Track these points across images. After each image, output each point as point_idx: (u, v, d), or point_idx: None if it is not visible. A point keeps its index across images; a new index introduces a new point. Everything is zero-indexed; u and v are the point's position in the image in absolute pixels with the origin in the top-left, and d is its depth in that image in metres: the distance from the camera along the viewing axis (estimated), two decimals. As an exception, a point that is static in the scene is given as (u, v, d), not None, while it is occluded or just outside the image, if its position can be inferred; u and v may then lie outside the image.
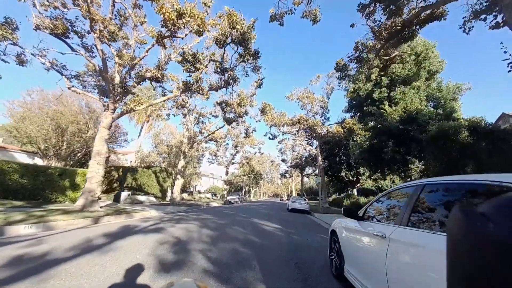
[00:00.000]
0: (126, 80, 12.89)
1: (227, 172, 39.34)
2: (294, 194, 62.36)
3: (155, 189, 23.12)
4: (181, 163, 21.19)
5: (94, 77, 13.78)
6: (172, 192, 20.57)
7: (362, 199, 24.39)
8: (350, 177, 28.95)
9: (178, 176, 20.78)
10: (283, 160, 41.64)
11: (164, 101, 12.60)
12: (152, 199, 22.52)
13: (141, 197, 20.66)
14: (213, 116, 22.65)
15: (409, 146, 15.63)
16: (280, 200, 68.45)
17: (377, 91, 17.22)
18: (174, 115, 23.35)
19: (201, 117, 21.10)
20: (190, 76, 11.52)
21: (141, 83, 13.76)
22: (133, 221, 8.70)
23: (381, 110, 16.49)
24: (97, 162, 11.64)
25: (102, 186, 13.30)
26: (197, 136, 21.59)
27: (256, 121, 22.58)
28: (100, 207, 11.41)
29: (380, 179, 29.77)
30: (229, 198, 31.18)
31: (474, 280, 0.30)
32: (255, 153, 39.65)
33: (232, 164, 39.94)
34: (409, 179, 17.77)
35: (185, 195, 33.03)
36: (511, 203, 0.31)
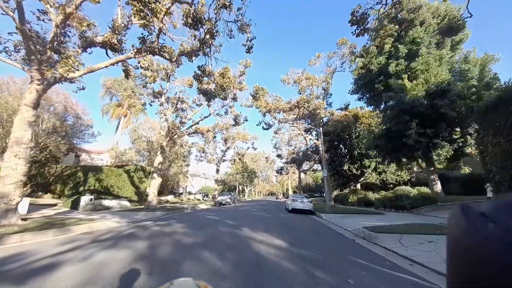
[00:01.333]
0: (63, 40, 9.25)
1: (217, 171, 35.78)
2: (290, 192, 59.34)
3: (128, 192, 19.42)
4: (158, 159, 17.59)
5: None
6: (146, 195, 16.96)
7: (371, 194, 21.42)
8: (354, 170, 25.99)
9: (155, 175, 17.17)
10: (279, 156, 38.43)
11: (111, 65, 9.00)
12: (126, 203, 18.83)
13: (109, 202, 16.96)
14: (196, 104, 19.12)
15: (438, 126, 12.61)
16: (276, 198, 65.28)
17: (393, 64, 14.13)
18: (150, 104, 19.73)
19: (180, 103, 17.53)
20: (146, 28, 7.99)
21: (87, 50, 10.09)
22: (52, 242, 5.32)
23: (401, 85, 13.41)
24: (15, 155, 8.01)
25: (25, 189, 9.63)
26: (178, 127, 18.02)
27: (248, 107, 19.18)
28: (26, 218, 7.86)
29: (397, 171, 26.98)
30: (219, 198, 27.71)
31: (474, 280, 0.30)
32: (248, 148, 36.24)
33: (223, 161, 36.40)
34: (432, 168, 14.84)
35: (170, 197, 29.39)
36: (511, 203, 0.30)
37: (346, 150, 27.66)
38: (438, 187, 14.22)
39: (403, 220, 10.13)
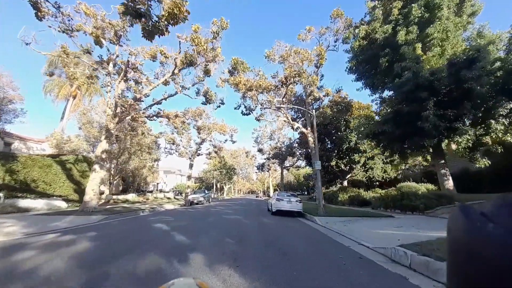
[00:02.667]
0: None
1: (191, 166, 31.48)
2: (271, 190, 56.59)
3: (63, 189, 14.77)
4: (102, 146, 13.26)
5: None
6: (85, 193, 12.58)
7: (365, 192, 18.99)
8: (343, 166, 23.57)
9: (96, 167, 12.83)
10: (260, 151, 35.19)
11: None
12: (60, 204, 14.26)
13: (32, 202, 12.45)
14: (155, 77, 14.97)
15: (461, 106, 10.07)
16: (256, 197, 62.21)
17: (403, 31, 11.42)
18: (97, 77, 15.23)
19: (131, 70, 13.29)
20: None
21: None
22: None
23: (415, 54, 10.71)
24: None
25: None
26: (131, 105, 13.78)
27: (224, 81, 15.41)
28: None
29: (383, 167, 25.02)
30: (191, 197, 23.72)
31: (474, 280, 0.30)
32: (226, 141, 32.48)
33: (198, 155, 32.19)
34: (442, 161, 12.48)
35: (131, 196, 24.71)
36: (511, 203, 0.30)
37: (333, 145, 25.23)
38: (449, 183, 11.87)
39: (432, 226, 7.33)
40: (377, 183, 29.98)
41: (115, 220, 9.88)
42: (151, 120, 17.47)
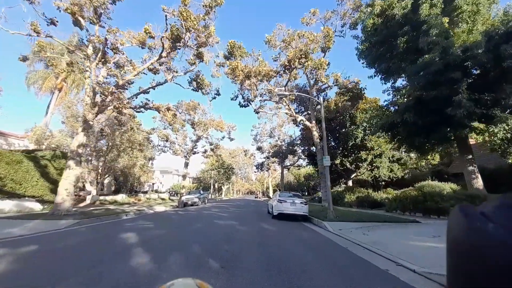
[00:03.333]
0: None
1: (186, 165, 29.79)
2: (271, 190, 54.92)
3: (38, 188, 13.08)
4: (79, 138, 11.56)
5: None
6: (57, 194, 10.84)
7: (375, 193, 17.35)
8: (348, 164, 21.92)
9: (71, 163, 11.11)
10: (259, 149, 33.54)
11: None
12: (33, 205, 12.56)
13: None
14: (141, 62, 13.30)
15: (500, 90, 8.45)
16: (255, 197, 60.54)
17: (426, 4, 9.78)
18: (79, 63, 13.65)
19: (111, 51, 11.55)
20: None
21: None
22: None
23: (444, 27, 9.07)
24: None
25: None
26: (112, 93, 12.06)
27: (218, 66, 13.67)
28: None
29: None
30: (184, 198, 22.00)
31: (474, 280, 0.30)
32: (223, 138, 30.81)
33: (193, 153, 30.52)
34: (470, 156, 10.83)
35: (121, 197, 23.00)
36: (511, 203, 0.31)
37: (337, 142, 23.57)
38: (479, 182, 10.24)
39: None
40: (383, 183, 28.41)
41: (85, 226, 8.18)
42: (138, 111, 15.78)
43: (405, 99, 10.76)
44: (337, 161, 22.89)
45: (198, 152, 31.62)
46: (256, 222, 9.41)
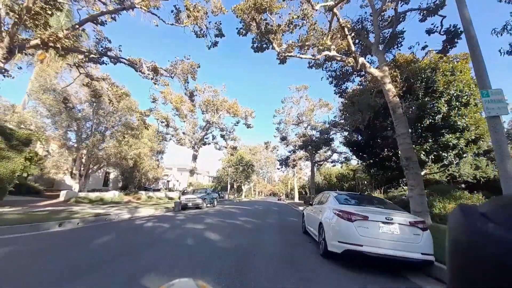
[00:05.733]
0: None
1: (195, 157, 24.58)
2: (296, 191, 47.84)
3: None
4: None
5: None
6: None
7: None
8: (423, 155, 14.34)
9: None
10: (283, 139, 27.01)
11: None
12: None
13: None
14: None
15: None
16: (278, 200, 53.69)
17: None
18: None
19: None
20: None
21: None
22: None
23: None
24: None
25: None
26: (27, 7, 6.78)
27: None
28: None
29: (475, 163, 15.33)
30: (184, 199, 16.53)
31: (475, 280, 0.30)
32: (238, 123, 24.87)
33: (203, 144, 25.12)
34: None
35: (111, 195, 18.42)
36: (510, 203, 0.31)
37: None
38: None
39: None
40: (463, 185, 20.00)
41: None
42: (98, 62, 10.47)
43: None
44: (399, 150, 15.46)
45: (209, 143, 26.21)
46: (279, 274, 3.15)
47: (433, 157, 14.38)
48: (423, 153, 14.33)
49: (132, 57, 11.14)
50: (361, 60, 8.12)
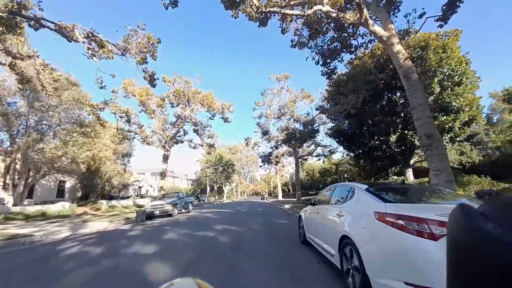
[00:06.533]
0: None
1: (166, 158, 21.63)
2: (279, 190, 46.42)
3: None
4: None
5: None
6: None
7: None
8: (416, 140, 13.29)
9: None
10: (265, 134, 25.11)
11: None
12: None
13: None
14: None
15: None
16: (261, 199, 51.89)
17: None
18: None
19: None
20: None
21: None
22: None
23: None
24: None
25: None
26: None
27: None
28: None
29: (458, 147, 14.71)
30: (150, 206, 13.76)
31: (474, 280, 0.30)
32: (214, 116, 22.41)
33: (175, 142, 22.26)
34: None
35: (59, 206, 15.02)
36: (510, 203, 0.31)
37: (391, 105, 14.94)
38: None
39: None
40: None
41: None
42: (11, 27, 7.53)
43: None
44: (393, 138, 14.31)
45: (182, 141, 23.38)
46: None
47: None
48: (417, 138, 13.25)
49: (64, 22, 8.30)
50: (365, 12, 6.33)
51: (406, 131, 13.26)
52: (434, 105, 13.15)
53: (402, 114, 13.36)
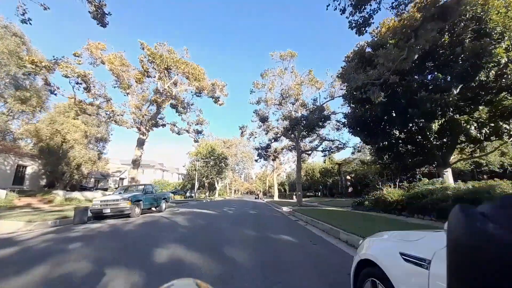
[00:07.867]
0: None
1: (141, 143, 17.71)
2: (275, 189, 42.74)
3: None
4: None
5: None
6: None
7: None
8: (474, 129, 9.54)
9: None
10: (263, 120, 21.27)
11: None
12: None
13: None
14: None
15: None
16: (256, 198, 48.12)
17: None
18: None
19: None
20: None
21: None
22: None
23: None
24: None
25: None
26: None
27: None
28: None
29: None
30: (98, 202, 9.84)
31: (475, 280, 0.30)
32: (200, 94, 18.52)
33: (153, 125, 18.29)
34: None
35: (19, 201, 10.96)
36: (510, 203, 0.31)
37: (442, 80, 11.19)
38: None
39: None
40: (486, 176, 16.09)
41: None
42: None
43: None
44: (435, 125, 10.57)
45: (164, 125, 19.47)
46: None
47: (487, 131, 9.66)
48: (475, 125, 9.53)
49: None
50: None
51: (460, 116, 9.54)
52: (495, 83, 9.48)
53: (456, 91, 9.60)
